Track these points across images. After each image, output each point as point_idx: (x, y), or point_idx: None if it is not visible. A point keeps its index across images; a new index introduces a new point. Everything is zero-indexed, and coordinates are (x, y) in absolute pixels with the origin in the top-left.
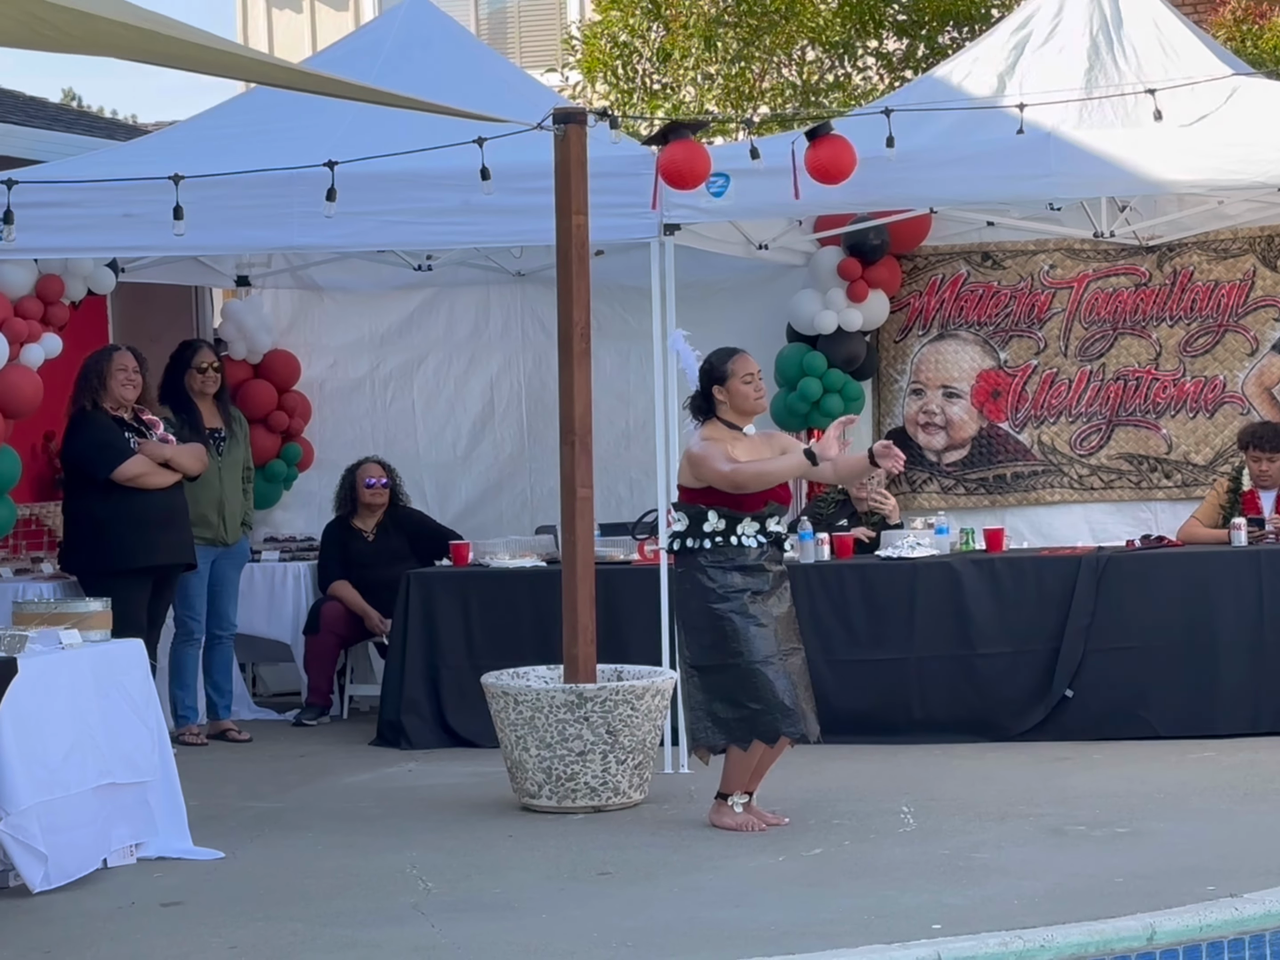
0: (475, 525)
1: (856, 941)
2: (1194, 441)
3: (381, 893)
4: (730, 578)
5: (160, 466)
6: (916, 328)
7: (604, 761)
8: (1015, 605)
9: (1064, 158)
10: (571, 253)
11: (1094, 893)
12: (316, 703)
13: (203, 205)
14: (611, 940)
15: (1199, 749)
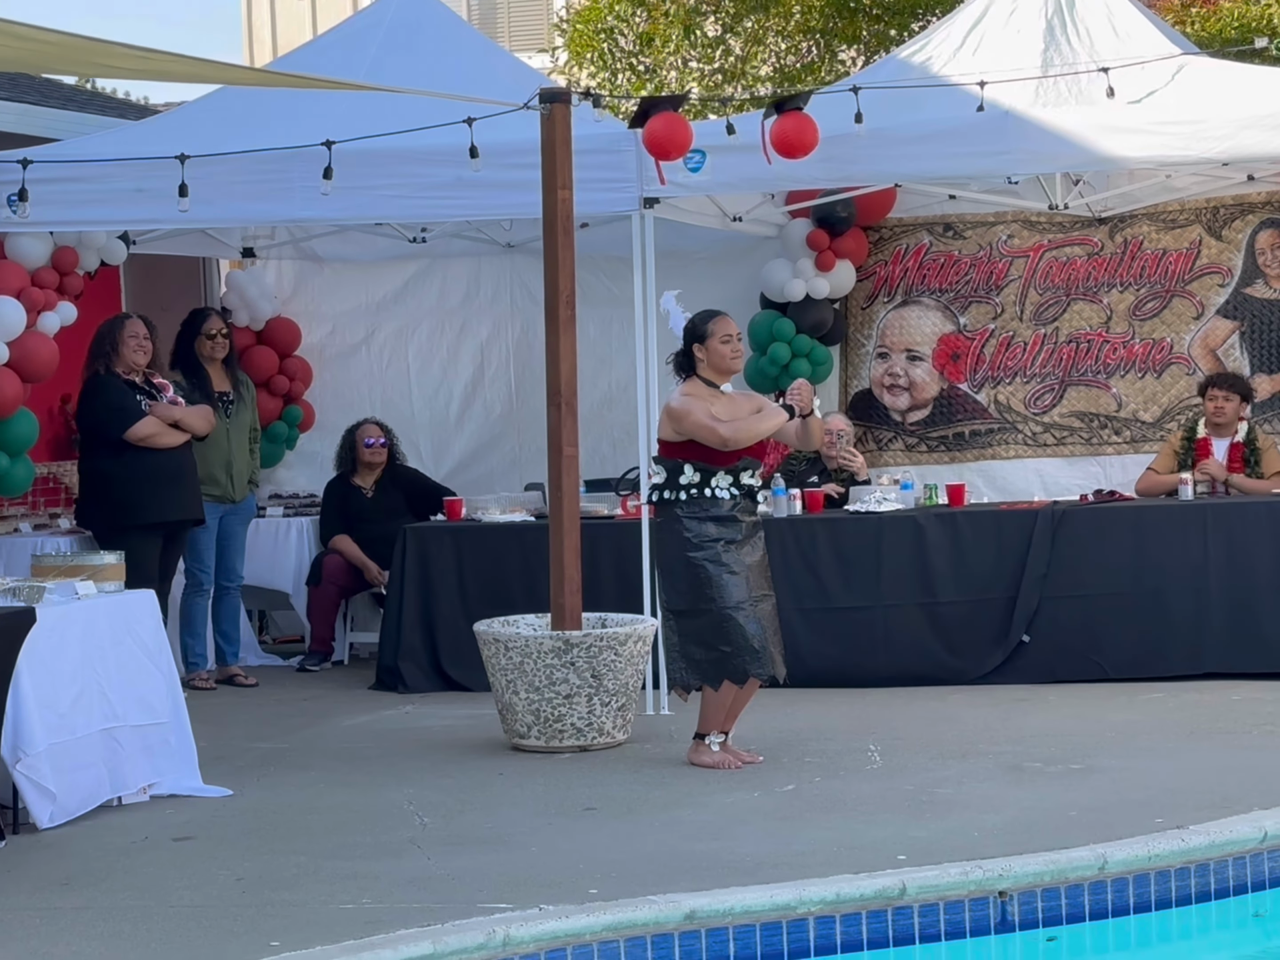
0: (467, 482)
1: (827, 871)
2: (1142, 400)
3: (380, 827)
4: (705, 527)
5: (170, 427)
6: (882, 295)
7: (589, 704)
8: (976, 556)
9: (1022, 135)
10: (557, 225)
11: (1049, 825)
12: (319, 650)
13: (210, 181)
14: (596, 871)
15: (1148, 691)
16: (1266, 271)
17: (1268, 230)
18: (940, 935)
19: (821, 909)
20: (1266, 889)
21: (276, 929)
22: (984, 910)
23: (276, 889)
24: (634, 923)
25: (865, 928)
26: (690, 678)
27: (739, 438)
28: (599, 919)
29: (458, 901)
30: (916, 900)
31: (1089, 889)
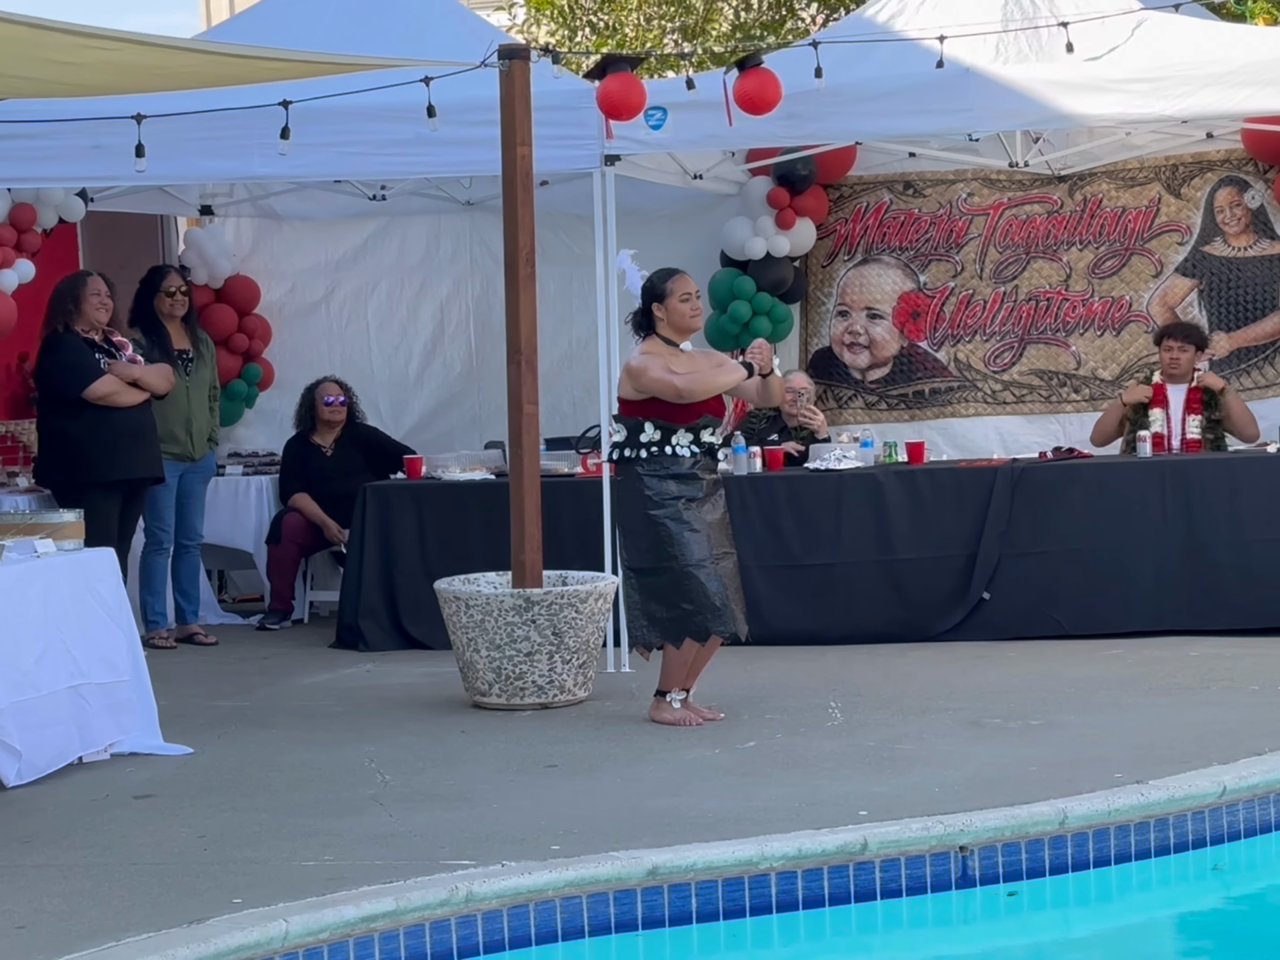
0: (427, 441)
1: (788, 827)
2: (1101, 358)
3: (341, 785)
4: (665, 485)
5: (129, 385)
6: (842, 253)
7: (550, 661)
8: (935, 514)
9: (982, 93)
10: (517, 182)
11: (1009, 780)
12: (279, 608)
13: (167, 138)
14: (559, 827)
15: (1107, 647)
16: (1225, 229)
17: (1226, 188)
18: (901, 890)
19: (783, 864)
20: (1225, 843)
21: (238, 886)
22: (945, 865)
23: (238, 846)
24: (596, 879)
25: (827, 883)
26: (652, 636)
27: (694, 389)
28: (561, 875)
29: (420, 858)
30: (878, 856)
31: (1049, 844)
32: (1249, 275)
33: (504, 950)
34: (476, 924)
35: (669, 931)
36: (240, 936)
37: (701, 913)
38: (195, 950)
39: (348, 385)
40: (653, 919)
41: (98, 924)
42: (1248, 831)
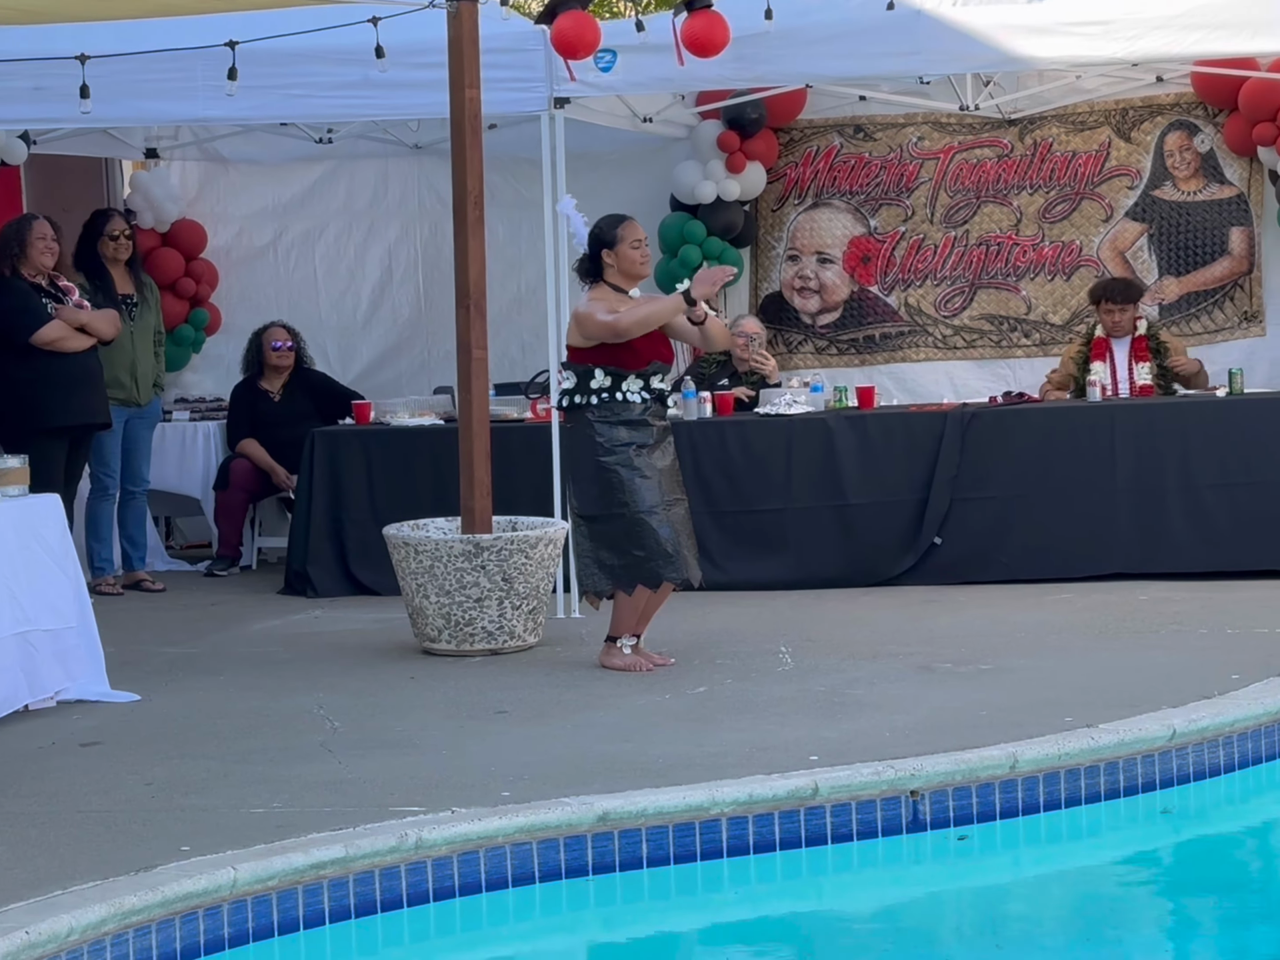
0: (375, 386)
1: (739, 773)
2: (1051, 303)
3: (291, 732)
4: (616, 432)
5: (76, 331)
6: (792, 197)
7: (500, 607)
8: (886, 459)
9: (933, 36)
10: (465, 125)
11: (960, 725)
12: (227, 554)
13: (111, 80)
14: (509, 774)
15: (1056, 591)
16: (1175, 174)
17: (1176, 132)
18: (852, 835)
19: (734, 810)
20: (1174, 786)
21: (186, 833)
22: (896, 810)
23: (186, 793)
24: (546, 825)
25: (778, 828)
26: (603, 584)
27: (629, 323)
28: (511, 821)
29: (369, 805)
30: (829, 800)
31: (1000, 788)
32: (1198, 220)
33: (454, 897)
34: (426, 871)
35: (620, 876)
36: (188, 884)
37: (652, 858)
38: (143, 898)
39: (295, 330)
40: (603, 864)
41: (44, 872)
42: (1197, 775)
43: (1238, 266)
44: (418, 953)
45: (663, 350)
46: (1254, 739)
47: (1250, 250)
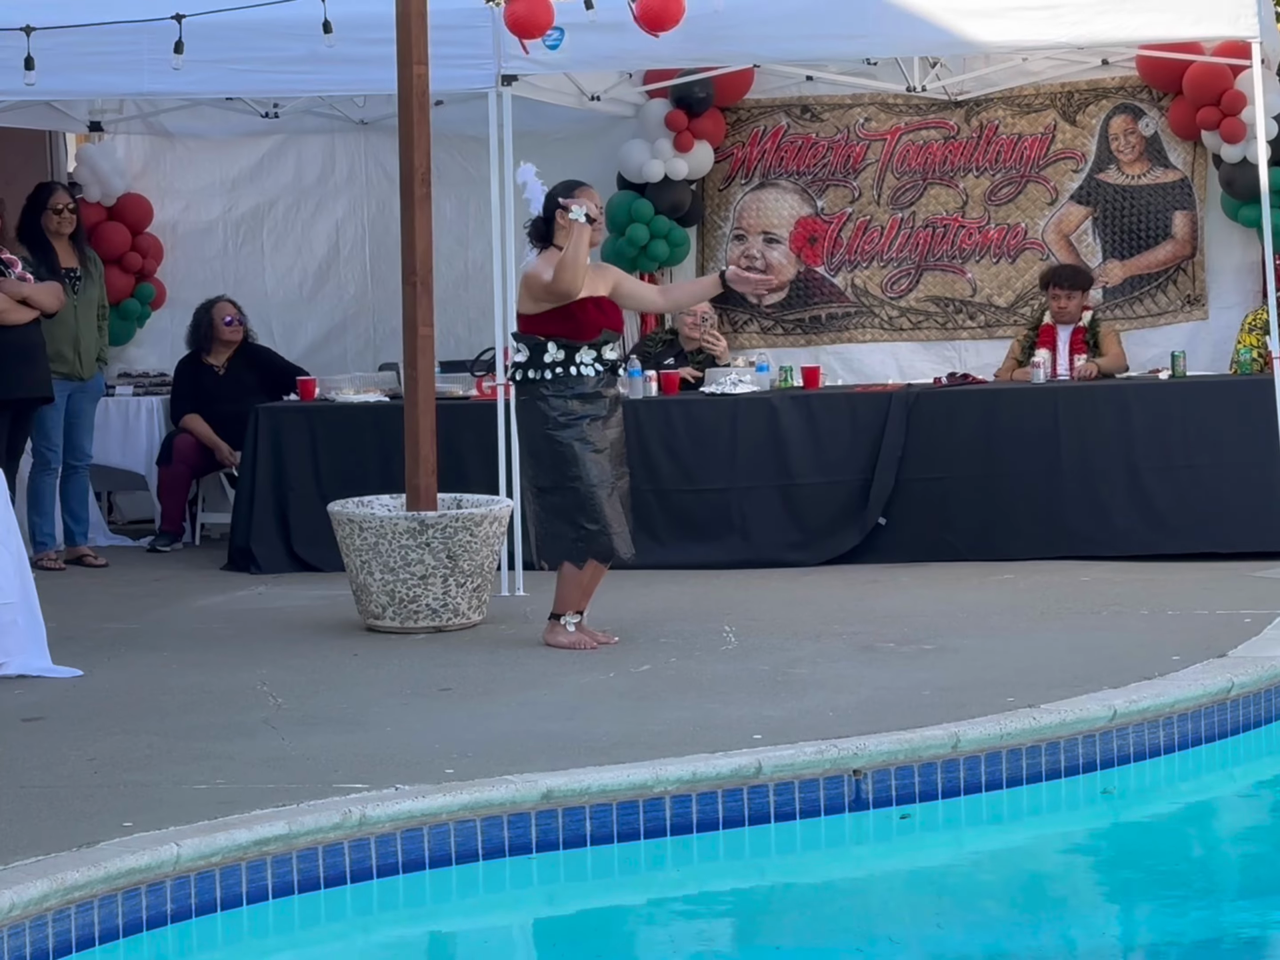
0: (321, 363)
1: (682, 751)
2: (997, 285)
3: (234, 708)
4: (570, 405)
5: (18, 304)
6: (739, 177)
7: (444, 585)
8: (831, 439)
9: (880, 18)
10: (412, 101)
11: (902, 704)
12: (170, 530)
13: (55, 52)
14: (453, 751)
15: (999, 571)
16: (1119, 157)
17: (1121, 115)
18: (795, 814)
19: (678, 788)
20: (1115, 767)
21: (129, 809)
22: (838, 789)
23: (129, 769)
24: (490, 802)
25: (721, 807)
26: (556, 554)
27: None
28: (455, 799)
29: (313, 782)
30: (772, 779)
31: (942, 767)
32: (1143, 203)
33: (397, 874)
34: (370, 847)
35: (563, 854)
36: (131, 860)
37: (595, 836)
38: (85, 874)
39: (239, 305)
40: (547, 842)
41: None
42: (1137, 755)
43: (1181, 250)
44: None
45: (614, 319)
46: (1194, 720)
47: (1193, 234)
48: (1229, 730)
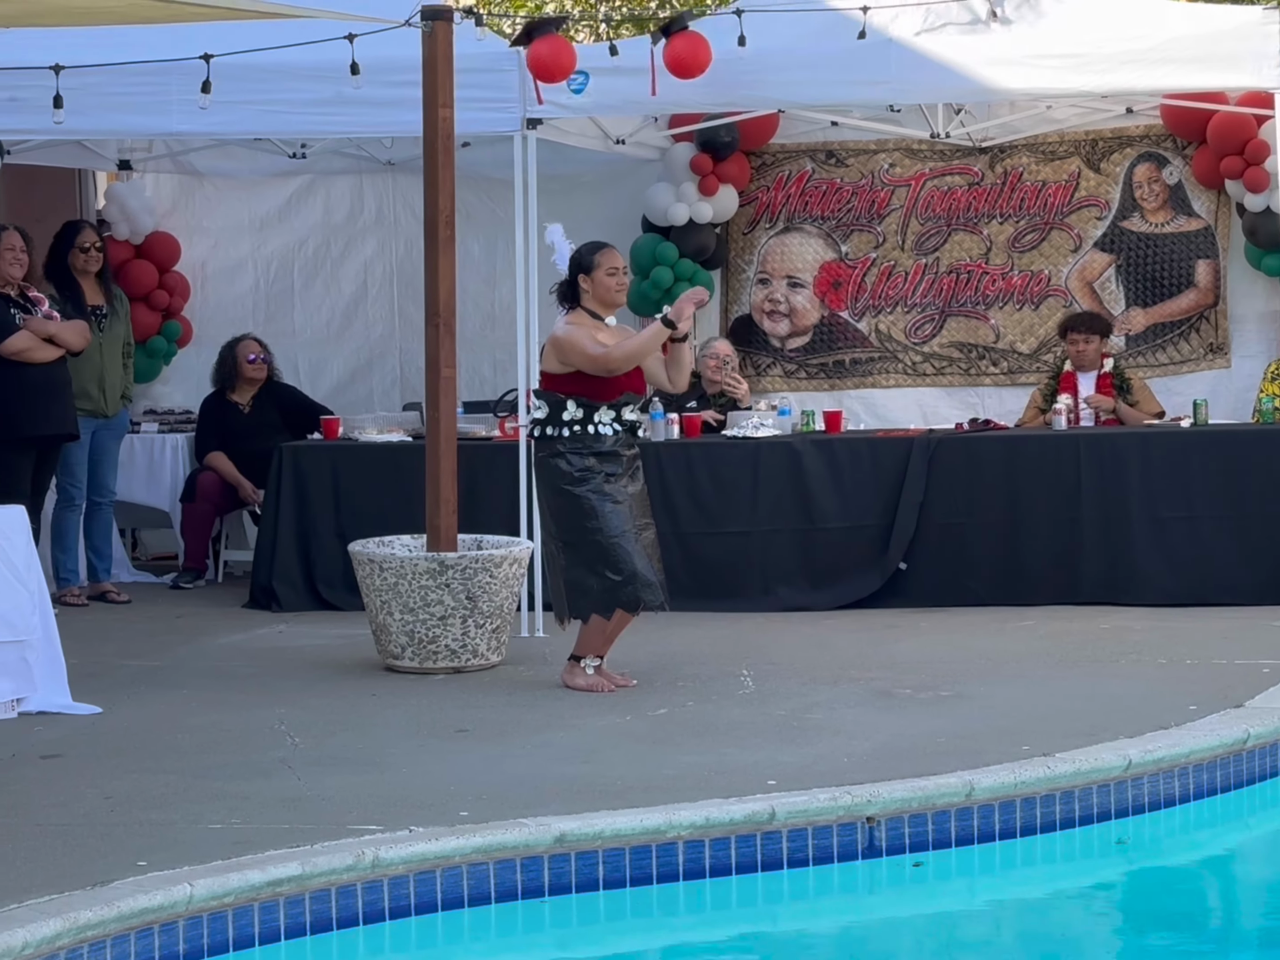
0: (347, 401)
1: (697, 796)
2: (1020, 331)
3: (251, 747)
4: (586, 461)
5: (44, 341)
6: (764, 221)
7: (464, 625)
8: (852, 483)
9: (904, 65)
10: (438, 144)
11: (918, 751)
12: (192, 567)
13: (85, 91)
14: (468, 793)
15: (1018, 618)
16: (1143, 205)
17: (1145, 164)
18: (808, 860)
19: (691, 833)
20: (1130, 816)
21: (144, 848)
22: (852, 836)
23: (145, 808)
24: (504, 845)
25: (734, 852)
26: (582, 607)
27: (620, 357)
28: (469, 841)
29: (327, 823)
30: (785, 825)
31: (955, 815)
32: (1166, 251)
33: (410, 916)
34: (383, 889)
35: (576, 898)
36: (144, 900)
37: (608, 880)
38: (99, 913)
39: (265, 343)
40: (560, 885)
41: (1, 885)
42: (1152, 805)
43: (1203, 299)
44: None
45: (635, 381)
46: (1209, 770)
47: (1216, 283)
48: (1245, 780)
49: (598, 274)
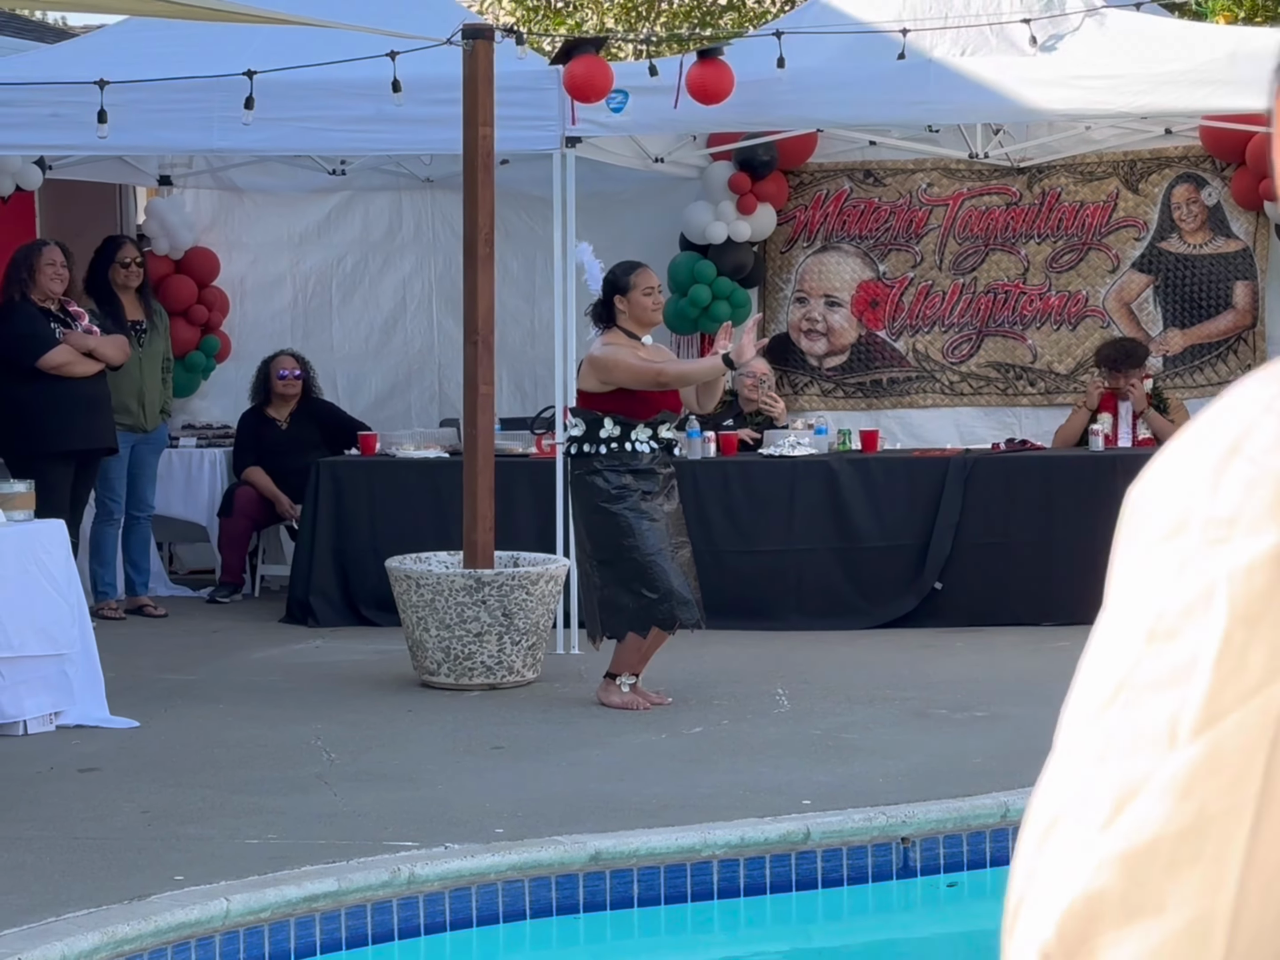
0: (385, 417)
1: (732, 815)
2: (1057, 352)
3: (287, 762)
4: (623, 479)
5: (84, 356)
6: (802, 239)
7: (499, 642)
8: (888, 502)
9: (943, 85)
10: (477, 162)
11: (953, 772)
12: (229, 581)
13: (127, 108)
14: (504, 810)
15: (1054, 638)
16: (1182, 226)
17: (1184, 185)
18: (843, 880)
19: (726, 852)
20: None
21: (181, 862)
22: (887, 856)
23: (182, 822)
24: (539, 863)
25: (769, 871)
26: (618, 626)
27: (674, 374)
28: (504, 859)
29: (364, 839)
30: (820, 845)
31: (991, 836)
32: (1204, 272)
33: (445, 932)
34: (418, 906)
35: (610, 915)
36: (181, 914)
37: (643, 899)
38: (135, 927)
39: (304, 359)
40: (594, 903)
41: (38, 899)
42: None
43: (1242, 320)
44: None
45: (672, 400)
46: None
47: (1254, 304)
48: None
49: (634, 294)
